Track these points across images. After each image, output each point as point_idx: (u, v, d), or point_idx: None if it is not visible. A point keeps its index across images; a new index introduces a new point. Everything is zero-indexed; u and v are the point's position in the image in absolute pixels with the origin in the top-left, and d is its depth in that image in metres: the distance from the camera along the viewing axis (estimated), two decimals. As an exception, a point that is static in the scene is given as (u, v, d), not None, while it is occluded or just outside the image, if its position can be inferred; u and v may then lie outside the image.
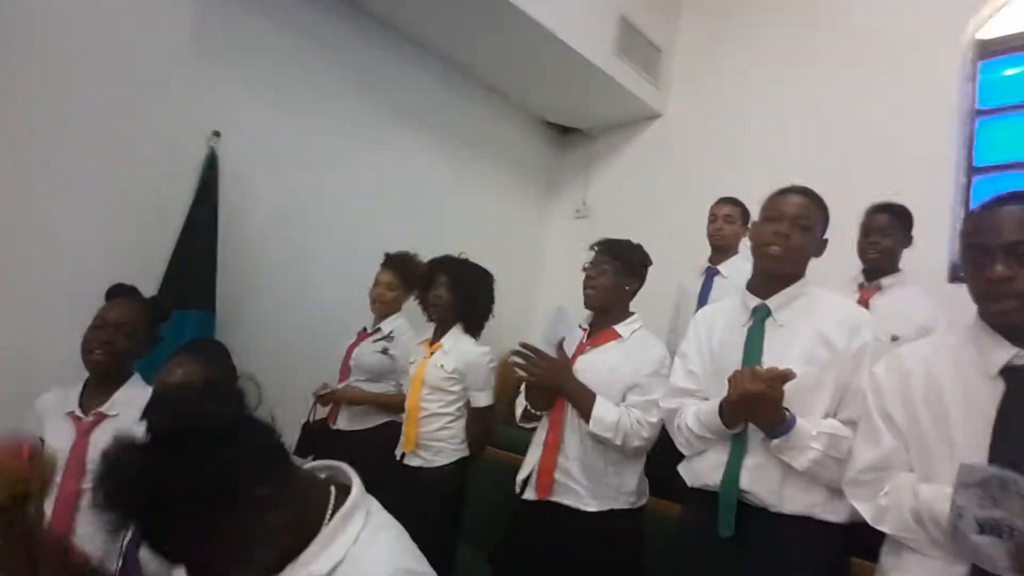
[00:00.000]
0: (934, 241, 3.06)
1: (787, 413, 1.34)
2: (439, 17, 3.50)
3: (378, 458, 2.26)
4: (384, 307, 2.79)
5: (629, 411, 1.80)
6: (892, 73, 3.38)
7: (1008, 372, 1.08)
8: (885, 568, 1.20)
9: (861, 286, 2.44)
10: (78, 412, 1.63)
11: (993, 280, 1.09)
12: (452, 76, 4.04)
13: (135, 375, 1.72)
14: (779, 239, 1.47)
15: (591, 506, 1.80)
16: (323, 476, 0.93)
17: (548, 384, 1.85)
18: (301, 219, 3.28)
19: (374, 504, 0.92)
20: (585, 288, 1.95)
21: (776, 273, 1.51)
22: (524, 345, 1.84)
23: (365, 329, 2.84)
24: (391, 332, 2.73)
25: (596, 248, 2.01)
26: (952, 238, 3.08)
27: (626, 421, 1.77)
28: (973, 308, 1.18)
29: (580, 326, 2.00)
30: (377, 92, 3.63)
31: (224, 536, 0.74)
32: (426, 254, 3.06)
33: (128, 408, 1.62)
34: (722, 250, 2.94)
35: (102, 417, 1.62)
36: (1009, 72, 3.24)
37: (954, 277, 3.03)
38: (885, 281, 2.38)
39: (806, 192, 1.53)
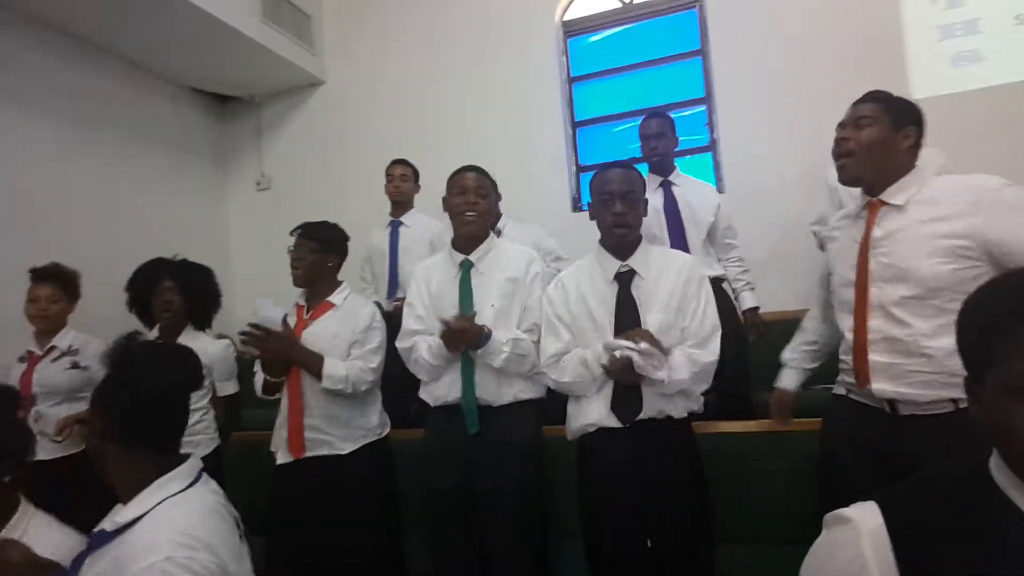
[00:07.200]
0: (558, 183, 4.03)
1: (485, 331, 1.85)
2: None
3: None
4: (49, 322, 2.52)
5: (353, 363, 2.10)
6: (511, 46, 4.13)
7: (618, 276, 1.74)
8: (571, 413, 1.80)
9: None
10: None
11: (616, 214, 1.70)
12: (82, 54, 3.51)
13: None
14: (470, 207, 1.97)
15: (346, 449, 2.09)
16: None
17: (279, 356, 2.05)
18: None
19: (208, 485, 1.13)
20: (293, 270, 2.17)
21: (473, 235, 2.01)
22: (252, 325, 1.99)
23: (31, 352, 2.51)
24: (71, 346, 2.51)
25: (296, 233, 2.20)
26: (569, 179, 4.06)
27: (353, 372, 2.07)
28: (590, 230, 1.82)
29: (294, 305, 2.21)
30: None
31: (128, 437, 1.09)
32: (94, 259, 2.84)
33: None
34: (402, 204, 3.37)
35: None
36: (595, 39, 4.23)
37: (575, 208, 4.04)
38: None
39: (477, 169, 2.05)
